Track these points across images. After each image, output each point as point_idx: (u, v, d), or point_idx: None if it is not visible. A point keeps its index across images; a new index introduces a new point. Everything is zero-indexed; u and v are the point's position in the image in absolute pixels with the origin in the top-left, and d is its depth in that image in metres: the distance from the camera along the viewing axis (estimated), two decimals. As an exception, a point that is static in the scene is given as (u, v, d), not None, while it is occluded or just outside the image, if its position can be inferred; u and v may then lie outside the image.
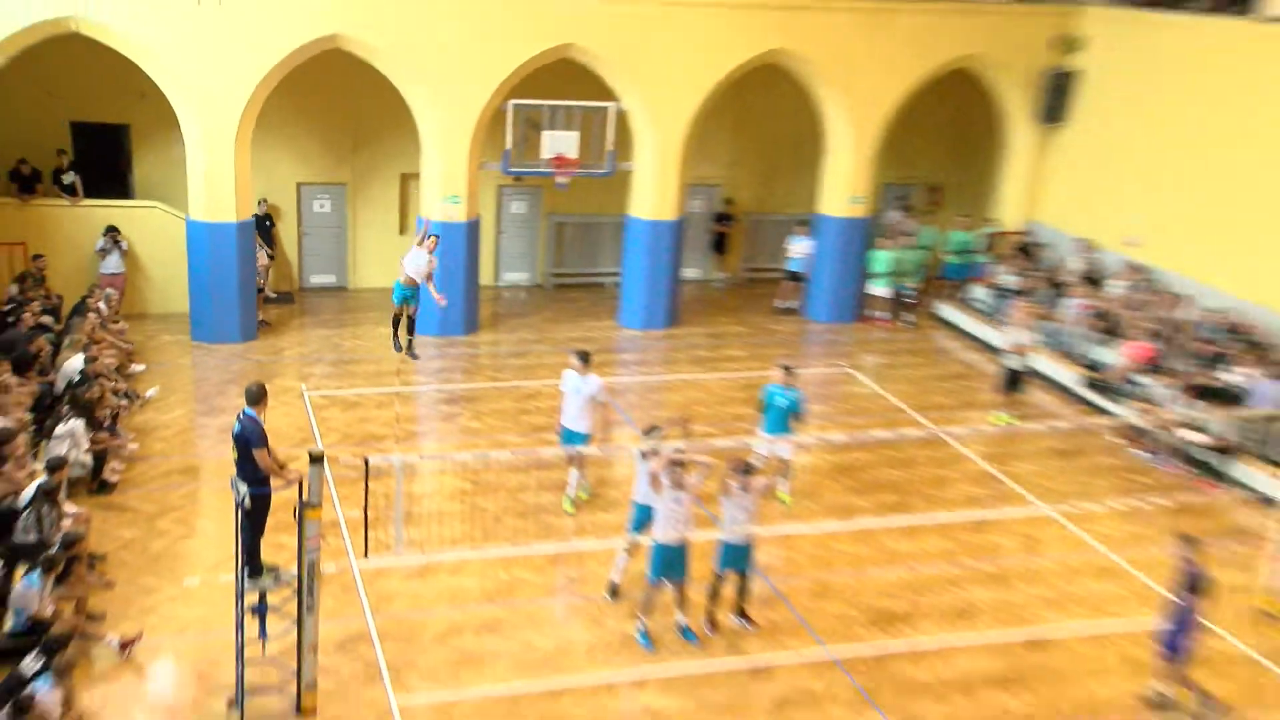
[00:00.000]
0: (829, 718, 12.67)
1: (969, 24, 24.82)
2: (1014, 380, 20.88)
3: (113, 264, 22.14)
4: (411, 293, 18.13)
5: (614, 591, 14.47)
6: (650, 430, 14.33)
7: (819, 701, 12.92)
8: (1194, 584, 12.70)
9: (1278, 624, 15.11)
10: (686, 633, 13.84)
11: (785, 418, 16.73)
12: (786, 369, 17.08)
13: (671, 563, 13.54)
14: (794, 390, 16.82)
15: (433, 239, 18.43)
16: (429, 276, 17.97)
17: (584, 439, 16.05)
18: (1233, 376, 19.77)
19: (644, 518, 13.99)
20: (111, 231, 22.11)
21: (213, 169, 21.15)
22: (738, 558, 13.88)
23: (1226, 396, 19.38)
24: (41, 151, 22.70)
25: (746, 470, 13.95)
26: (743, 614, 14.17)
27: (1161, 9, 24.05)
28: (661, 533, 13.45)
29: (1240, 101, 21.50)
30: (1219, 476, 18.93)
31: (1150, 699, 13.11)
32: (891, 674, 13.46)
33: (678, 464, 13.44)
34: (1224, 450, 19.00)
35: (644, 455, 13.83)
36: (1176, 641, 12.79)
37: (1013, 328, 21.44)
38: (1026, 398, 21.19)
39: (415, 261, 18.17)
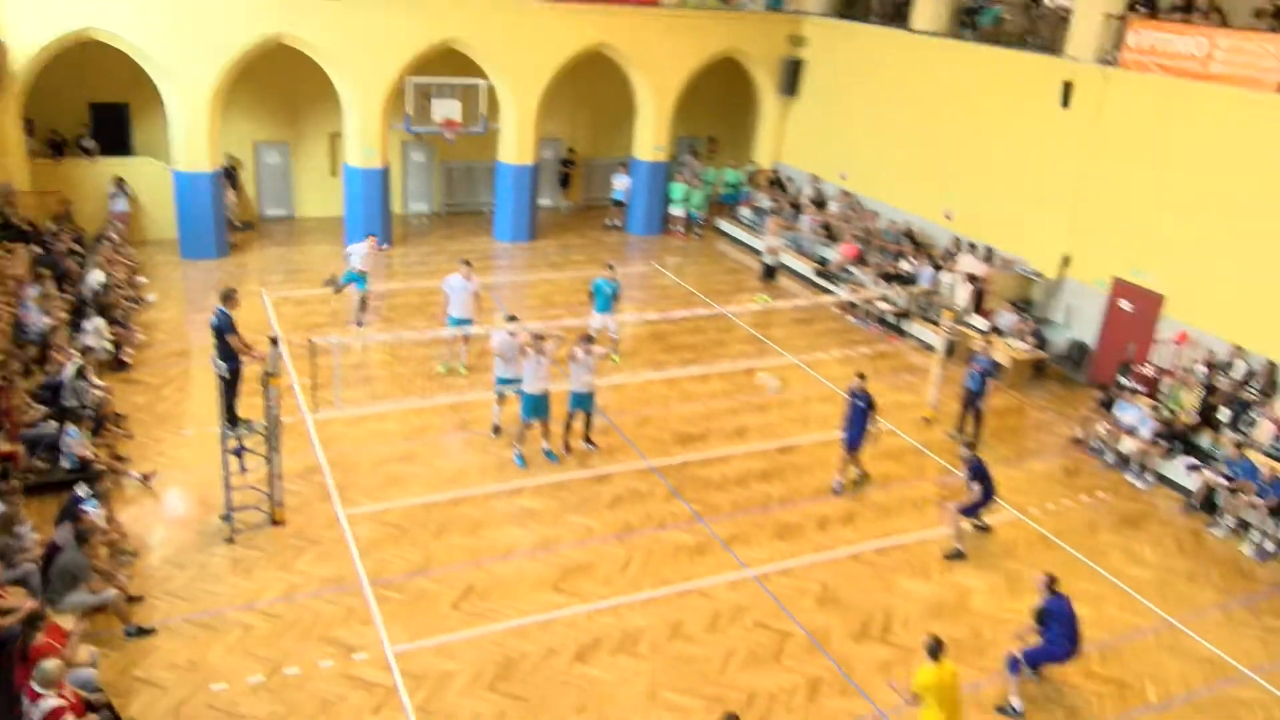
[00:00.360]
0: (649, 507, 13.04)
1: (732, 26, 24.83)
2: (769, 272, 21.31)
3: (120, 205, 21.17)
4: (360, 278, 17.38)
5: (496, 430, 14.52)
6: (510, 318, 14.28)
7: (643, 498, 13.28)
8: (867, 401, 13.37)
9: (933, 425, 15.94)
10: (549, 455, 14.02)
11: (610, 301, 16.87)
12: (610, 266, 17.28)
13: (537, 407, 13.66)
14: (615, 282, 16.95)
15: (372, 238, 18.31)
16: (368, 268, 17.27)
17: (468, 323, 15.94)
18: (907, 266, 20.47)
19: (505, 383, 14.00)
20: (119, 181, 21.21)
21: (189, 133, 20.30)
22: (583, 402, 14.06)
23: (904, 279, 20.08)
24: (69, 124, 21.86)
25: (588, 340, 14.07)
26: (588, 440, 14.39)
27: (852, 20, 24.41)
28: (530, 386, 13.52)
29: (902, 79, 21.92)
30: (901, 333, 19.71)
31: (834, 488, 13.78)
32: (691, 476, 13.86)
33: (539, 338, 13.51)
34: (903, 315, 19.74)
35: (511, 334, 13.80)
36: (853, 439, 13.52)
37: (767, 236, 21.78)
38: (778, 285, 21.63)
39: (361, 253, 17.83)
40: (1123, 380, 16.05)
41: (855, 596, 11.48)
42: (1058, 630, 9.83)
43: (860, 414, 13.46)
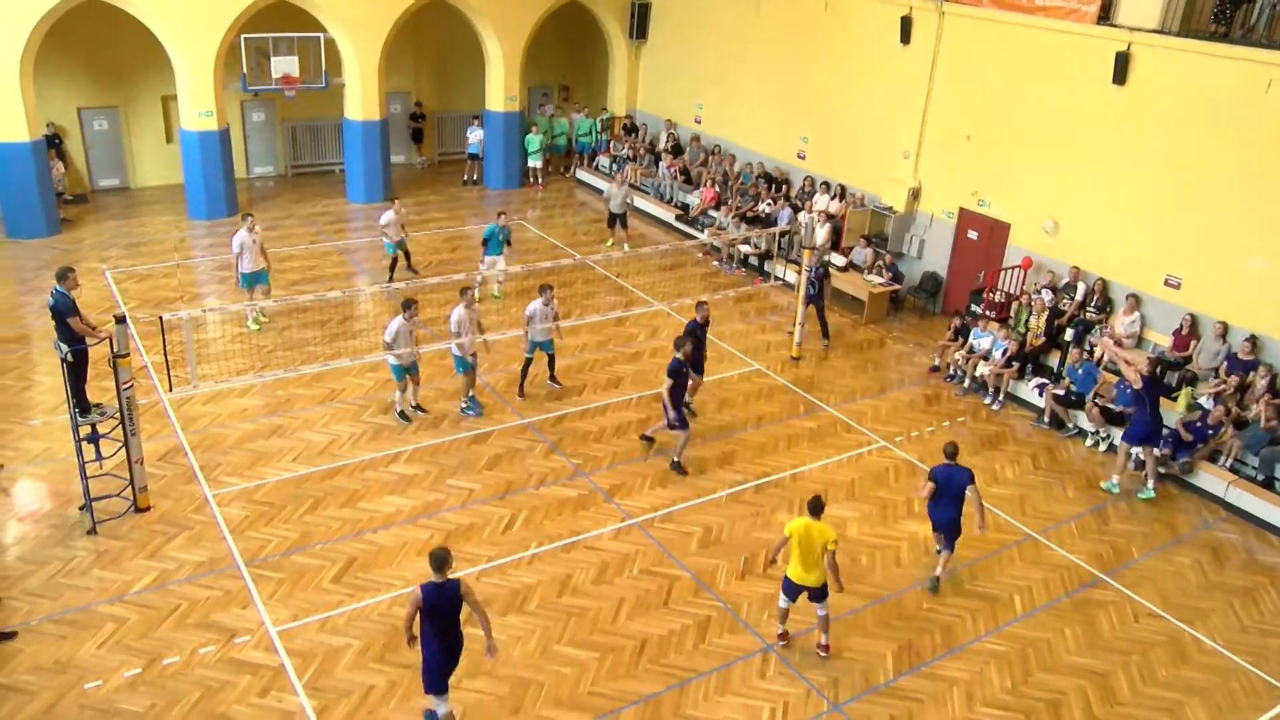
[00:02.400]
0: (528, 464, 12.99)
1: (579, -32, 24.36)
2: (615, 220, 21.13)
3: None
4: (262, 275, 16.34)
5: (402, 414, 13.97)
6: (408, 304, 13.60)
7: (521, 455, 13.21)
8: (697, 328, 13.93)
9: (798, 364, 16.37)
10: (472, 408, 14.15)
11: (501, 246, 17.55)
12: (502, 213, 17.98)
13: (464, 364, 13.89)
14: (507, 228, 17.64)
15: (394, 200, 19.00)
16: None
17: (265, 277, 16.19)
18: (765, 207, 20.80)
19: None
20: None
21: (2, 100, 18.72)
22: (546, 345, 14.57)
23: (763, 221, 20.41)
24: None
25: (547, 290, 14.27)
26: (553, 379, 14.92)
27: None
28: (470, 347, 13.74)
29: (748, 20, 21.92)
30: (763, 274, 20.07)
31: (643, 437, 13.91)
32: (570, 429, 13.85)
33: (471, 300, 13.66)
34: (764, 256, 20.09)
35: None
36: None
37: (611, 184, 21.61)
38: (631, 231, 21.55)
39: (392, 220, 18.01)
40: (975, 307, 16.78)
41: (736, 536, 11.77)
42: (937, 496, 10.66)
43: (701, 343, 14.04)
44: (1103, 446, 14.13)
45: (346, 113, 22.92)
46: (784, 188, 21.32)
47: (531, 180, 25.57)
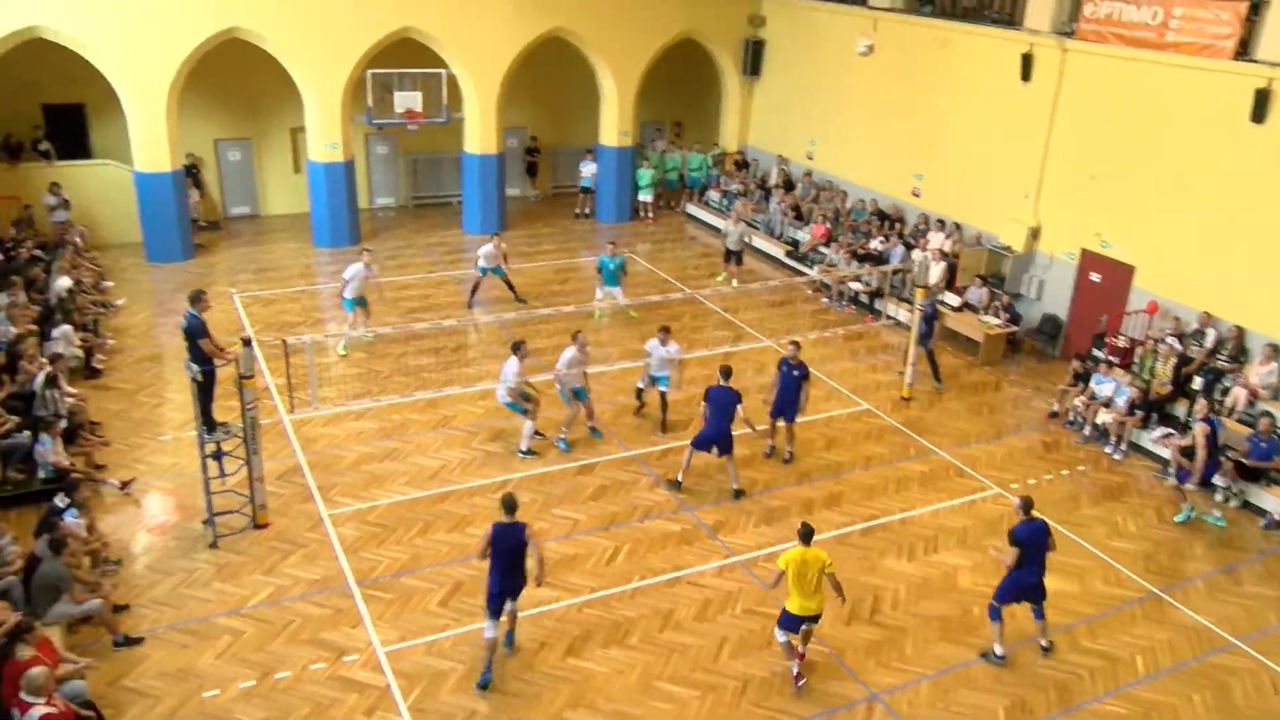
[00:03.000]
0: (633, 496, 13.01)
1: (692, 7, 24.62)
2: (730, 256, 21.21)
3: (60, 215, 20.29)
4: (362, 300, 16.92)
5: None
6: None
7: (626, 487, 13.26)
8: (803, 371, 13.79)
9: (909, 404, 16.03)
10: (594, 432, 14.50)
11: (616, 275, 17.95)
12: (612, 244, 18.28)
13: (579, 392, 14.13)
14: (619, 256, 18.03)
15: (495, 236, 19.44)
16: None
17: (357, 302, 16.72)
18: (877, 244, 20.53)
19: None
20: (54, 187, 20.34)
21: (148, 133, 19.93)
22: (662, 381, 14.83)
23: (874, 258, 20.14)
24: (23, 127, 21.49)
25: (665, 331, 14.71)
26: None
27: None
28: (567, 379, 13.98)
29: (858, 57, 21.76)
30: (874, 312, 19.78)
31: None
32: (674, 464, 13.73)
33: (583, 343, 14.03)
34: (876, 294, 19.81)
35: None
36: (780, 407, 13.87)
37: (728, 221, 21.70)
38: (745, 267, 21.57)
39: (488, 252, 18.73)
40: (1096, 352, 16.21)
41: (842, 579, 11.49)
42: (1023, 557, 9.95)
43: (793, 383, 13.74)
44: (1234, 502, 13.42)
45: (465, 146, 23.56)
46: (897, 225, 21.03)
47: (642, 214, 25.81)
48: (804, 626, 9.76)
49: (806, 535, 9.53)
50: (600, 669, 9.92)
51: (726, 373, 12.76)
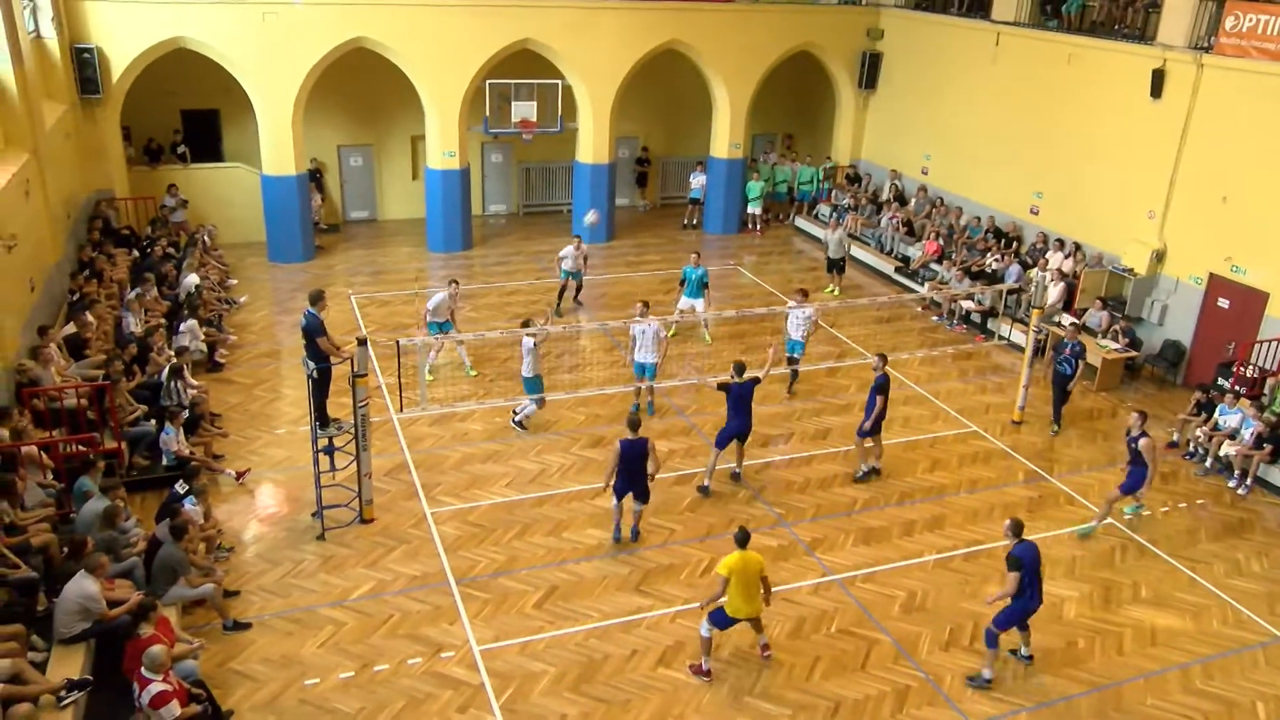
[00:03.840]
0: (731, 509, 12.94)
1: (808, 19, 24.59)
2: (833, 265, 21.12)
3: (178, 216, 21.27)
4: (448, 325, 16.75)
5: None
6: (526, 322, 14.57)
7: (724, 500, 13.19)
8: (880, 383, 13.41)
9: (1019, 428, 15.57)
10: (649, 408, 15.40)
11: (699, 287, 17.60)
12: (696, 255, 18.08)
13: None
14: (702, 268, 17.66)
15: (577, 238, 19.31)
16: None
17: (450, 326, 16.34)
18: (993, 263, 20.03)
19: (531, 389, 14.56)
20: (172, 189, 21.36)
21: (276, 138, 20.79)
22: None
23: (989, 276, 19.65)
24: (164, 131, 22.68)
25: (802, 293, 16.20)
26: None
27: (931, 11, 24.02)
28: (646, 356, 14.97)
29: (983, 71, 21.39)
30: (986, 332, 19.29)
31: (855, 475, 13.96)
32: (773, 478, 13.74)
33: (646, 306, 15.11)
34: (989, 314, 19.32)
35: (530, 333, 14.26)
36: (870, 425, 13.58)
37: (829, 230, 21.67)
38: (849, 282, 21.35)
39: (570, 254, 18.96)
40: (1222, 381, 15.48)
41: (942, 604, 11.26)
42: (1024, 582, 9.63)
43: (874, 396, 13.42)
44: (1370, 546, 12.65)
45: (578, 156, 23.89)
46: (1014, 244, 20.48)
47: (750, 226, 25.73)
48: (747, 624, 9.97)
49: (743, 539, 9.55)
50: (691, 680, 9.90)
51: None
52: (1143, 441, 12.16)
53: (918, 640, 10.62)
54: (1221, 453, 14.29)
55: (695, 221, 25.77)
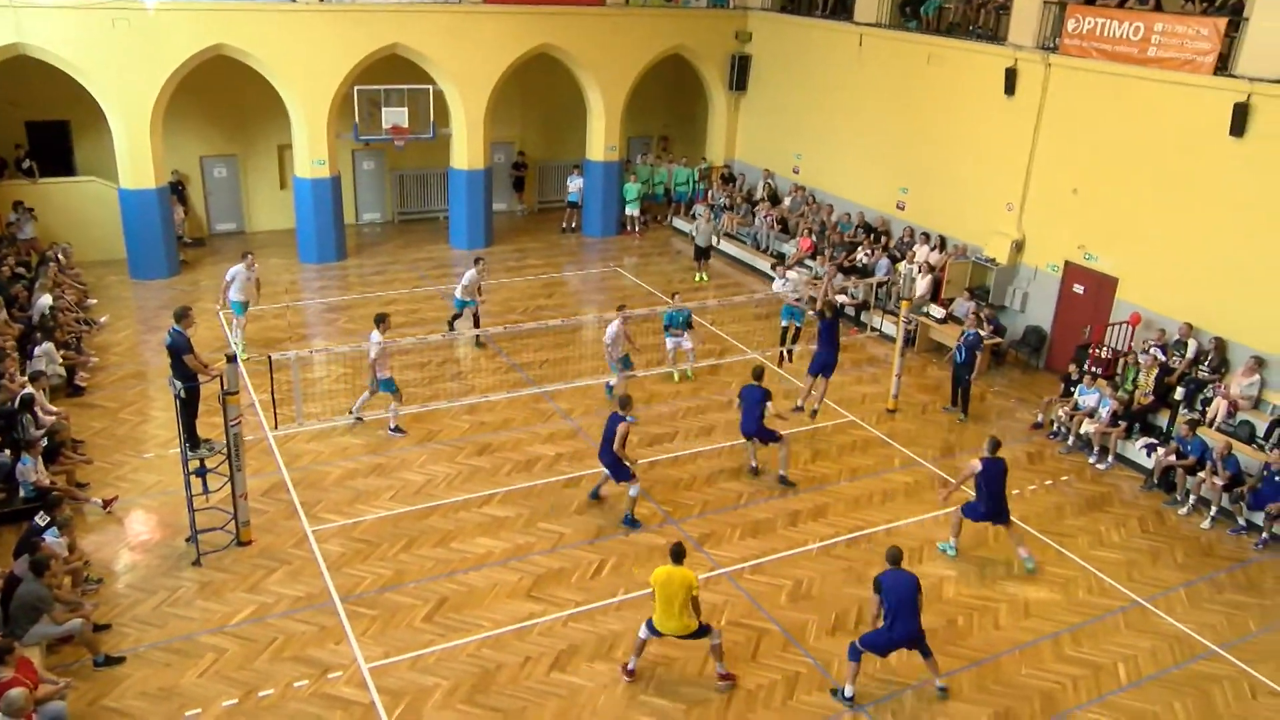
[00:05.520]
0: (619, 510, 12.94)
1: (679, 23, 24.88)
2: (701, 253, 22.01)
3: (26, 231, 20.23)
4: (469, 302, 17.65)
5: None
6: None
7: (612, 501, 13.20)
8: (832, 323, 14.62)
9: (894, 416, 16.11)
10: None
11: (684, 326, 17.04)
12: (677, 295, 17.74)
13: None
14: (686, 309, 17.17)
15: (478, 261, 18.08)
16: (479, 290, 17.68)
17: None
18: (863, 257, 20.63)
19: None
20: (18, 205, 20.29)
21: (133, 149, 19.90)
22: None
23: (860, 271, 20.24)
24: (5, 145, 21.47)
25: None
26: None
27: (796, 14, 24.59)
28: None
29: (848, 72, 22.02)
30: (860, 324, 19.86)
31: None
32: (660, 477, 13.83)
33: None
34: (862, 307, 19.89)
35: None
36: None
37: (699, 220, 22.93)
38: (727, 280, 21.70)
39: (467, 282, 17.59)
40: (1080, 364, 16.31)
41: (828, 590, 11.57)
42: (888, 610, 9.51)
43: (828, 330, 14.98)
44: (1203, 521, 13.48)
45: (452, 162, 23.63)
46: (883, 238, 21.16)
47: (629, 228, 25.91)
48: (699, 640, 9.85)
49: (676, 555, 9.50)
50: (587, 683, 9.92)
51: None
52: (969, 462, 12.10)
53: (805, 627, 10.89)
54: (1082, 431, 15.07)
55: (574, 225, 25.81)
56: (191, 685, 9.66)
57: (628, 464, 12.55)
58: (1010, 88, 18.06)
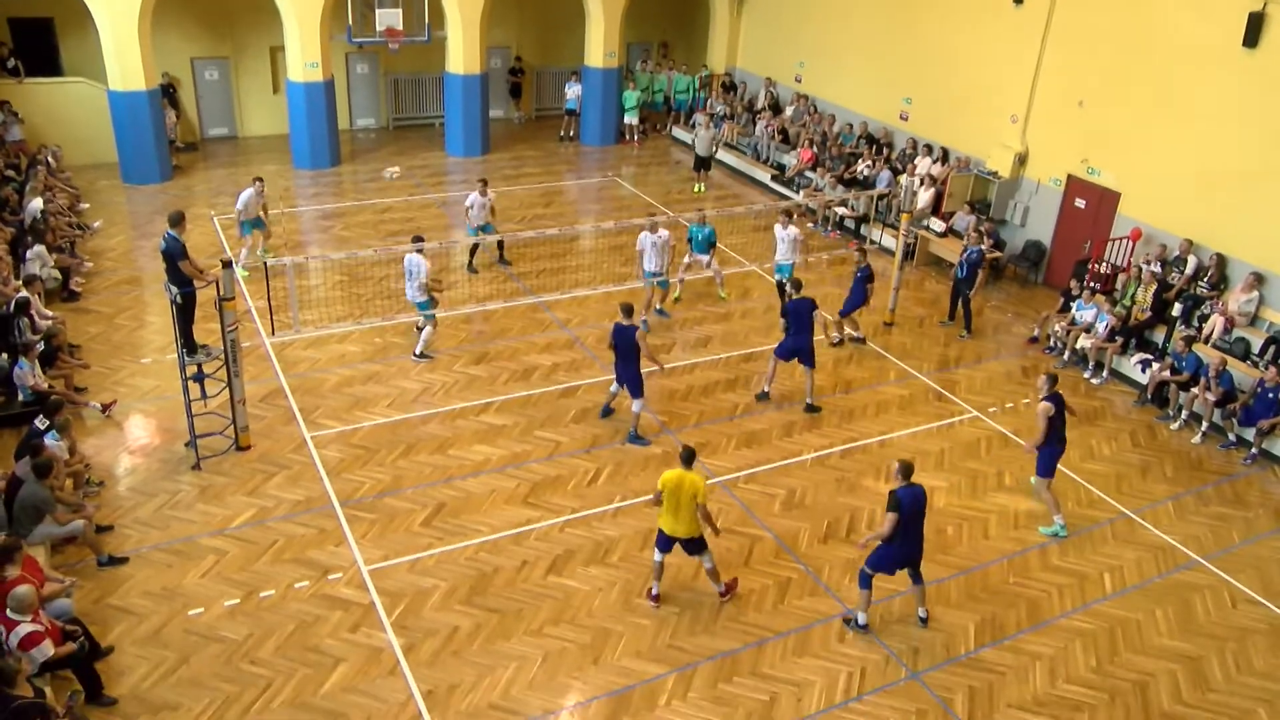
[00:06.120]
0: (615, 419, 13.04)
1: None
2: (701, 163, 21.78)
3: (14, 134, 19.85)
4: (259, 222, 16.72)
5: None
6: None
7: (615, 414, 13.19)
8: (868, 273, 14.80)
9: (891, 329, 16.13)
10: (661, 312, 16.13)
11: (706, 246, 16.37)
12: (701, 212, 16.78)
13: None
14: (709, 226, 16.46)
15: (481, 182, 17.34)
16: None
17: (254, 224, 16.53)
18: (864, 169, 20.42)
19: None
20: (4, 105, 19.86)
21: (121, 49, 19.40)
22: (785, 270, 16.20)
23: (860, 183, 20.05)
24: (-14, 42, 20.86)
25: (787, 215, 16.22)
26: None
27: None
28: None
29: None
30: (860, 238, 19.74)
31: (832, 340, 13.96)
32: (657, 387, 13.81)
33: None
34: (862, 220, 19.77)
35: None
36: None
37: (699, 129, 22.58)
38: (727, 191, 21.47)
39: (480, 203, 16.88)
40: (1080, 279, 16.27)
41: (821, 500, 11.73)
42: (901, 526, 9.24)
43: (860, 285, 15.01)
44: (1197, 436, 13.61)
45: (448, 66, 23.15)
46: (885, 150, 20.90)
47: (628, 137, 25.55)
48: (694, 557, 9.77)
49: (686, 458, 9.47)
50: (582, 587, 10.13)
51: (798, 285, 13.31)
52: (1040, 405, 11.28)
53: (798, 535, 11.07)
54: (1078, 346, 15.11)
55: (572, 133, 25.44)
56: (194, 585, 9.85)
57: (657, 364, 12.67)
58: (1019, -5, 17.66)
